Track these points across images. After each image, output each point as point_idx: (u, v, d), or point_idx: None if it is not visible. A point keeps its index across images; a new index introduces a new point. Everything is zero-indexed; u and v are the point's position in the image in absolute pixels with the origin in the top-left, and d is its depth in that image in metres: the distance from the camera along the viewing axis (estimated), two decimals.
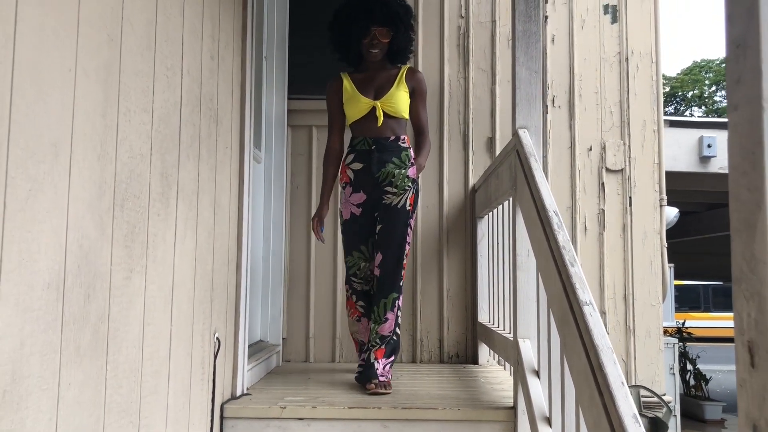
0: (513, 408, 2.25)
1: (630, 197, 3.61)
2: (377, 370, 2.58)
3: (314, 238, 3.52)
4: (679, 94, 27.74)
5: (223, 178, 2.28)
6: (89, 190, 1.29)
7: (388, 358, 2.68)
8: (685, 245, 12.82)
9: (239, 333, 2.42)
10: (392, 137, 2.73)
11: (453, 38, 3.69)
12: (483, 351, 3.39)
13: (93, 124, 1.30)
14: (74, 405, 1.24)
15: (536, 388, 2.01)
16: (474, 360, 3.45)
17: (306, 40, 3.61)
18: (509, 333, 2.60)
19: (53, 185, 1.16)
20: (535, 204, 1.93)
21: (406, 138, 2.77)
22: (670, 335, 7.27)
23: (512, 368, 2.36)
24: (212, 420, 2.16)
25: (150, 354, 1.61)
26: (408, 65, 2.87)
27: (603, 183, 3.62)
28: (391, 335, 2.71)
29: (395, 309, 2.69)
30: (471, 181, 3.58)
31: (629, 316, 3.53)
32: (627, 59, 3.69)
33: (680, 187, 8.49)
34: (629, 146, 3.63)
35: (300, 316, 3.51)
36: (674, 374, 6.28)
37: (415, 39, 3.41)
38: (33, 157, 1.10)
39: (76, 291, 1.24)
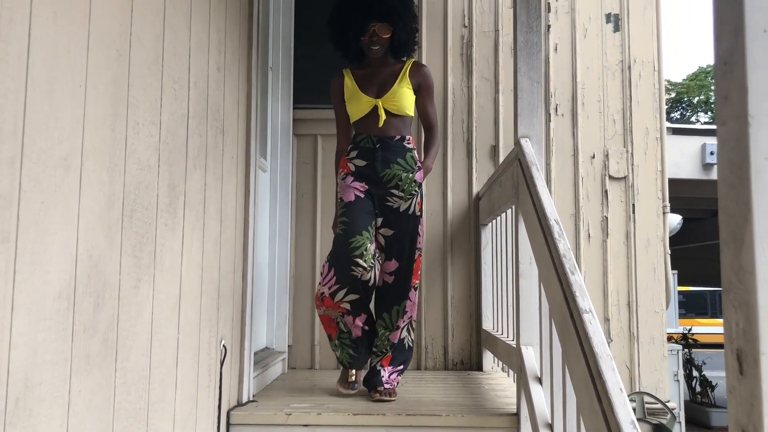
0: (516, 415, 2.27)
1: (633, 204, 3.62)
2: (382, 378, 2.58)
3: (319, 246, 3.55)
4: (685, 100, 27.66)
5: (230, 188, 2.31)
6: (99, 202, 1.32)
7: (395, 367, 2.66)
8: (689, 252, 12.80)
9: (245, 340, 2.45)
10: (397, 137, 2.62)
11: (456, 47, 3.72)
12: (487, 358, 3.41)
13: (102, 138, 1.34)
14: (84, 412, 1.27)
15: (539, 395, 2.03)
16: (478, 367, 3.46)
17: (311, 50, 3.65)
18: (512, 340, 2.62)
19: (64, 198, 1.19)
20: (537, 212, 1.96)
21: (412, 139, 2.67)
22: (676, 342, 7.25)
23: (515, 375, 2.37)
24: (219, 426, 2.18)
25: (158, 361, 1.64)
26: (413, 59, 2.76)
27: (606, 190, 3.64)
28: (403, 343, 2.68)
29: (406, 316, 2.65)
30: (475, 189, 3.61)
31: (633, 323, 3.54)
32: (629, 67, 3.71)
33: (684, 194, 8.50)
34: (632, 154, 3.65)
35: (305, 324, 3.54)
36: (678, 381, 6.26)
37: (419, 30, 3.26)
38: (45, 171, 1.13)
39: (86, 300, 1.27)
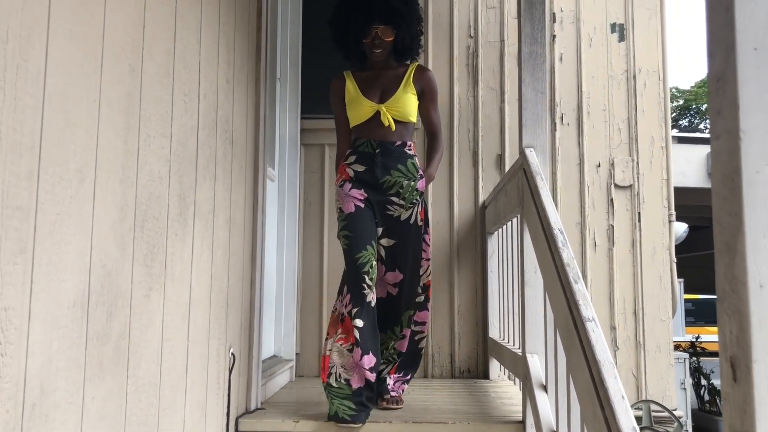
0: (522, 422, 2.28)
1: (639, 213, 3.63)
2: (388, 386, 2.60)
3: (327, 254, 3.58)
4: (693, 107, 27.58)
5: (238, 197, 2.35)
6: (112, 213, 1.36)
7: (401, 374, 2.67)
8: (697, 260, 12.74)
9: (253, 348, 2.48)
10: (399, 142, 2.53)
11: (462, 57, 3.76)
12: (494, 366, 3.42)
13: (115, 150, 1.37)
14: (97, 418, 1.30)
15: (544, 403, 2.05)
16: (485, 375, 3.48)
17: (319, 60, 3.69)
18: (518, 348, 2.63)
19: (79, 209, 1.23)
20: (541, 222, 1.98)
21: (413, 145, 2.59)
22: (683, 350, 7.22)
23: (521, 383, 2.39)
24: None
25: (168, 369, 1.67)
26: (417, 63, 2.69)
27: (612, 199, 3.65)
28: (410, 353, 2.66)
29: (412, 325, 2.63)
30: (481, 198, 3.63)
31: (639, 331, 3.55)
32: (634, 77, 3.73)
33: (690, 203, 8.49)
34: (637, 162, 3.67)
35: (313, 332, 3.56)
36: (685, 389, 6.24)
37: (424, 34, 3.17)
38: (60, 183, 1.17)
39: (99, 309, 1.31)
